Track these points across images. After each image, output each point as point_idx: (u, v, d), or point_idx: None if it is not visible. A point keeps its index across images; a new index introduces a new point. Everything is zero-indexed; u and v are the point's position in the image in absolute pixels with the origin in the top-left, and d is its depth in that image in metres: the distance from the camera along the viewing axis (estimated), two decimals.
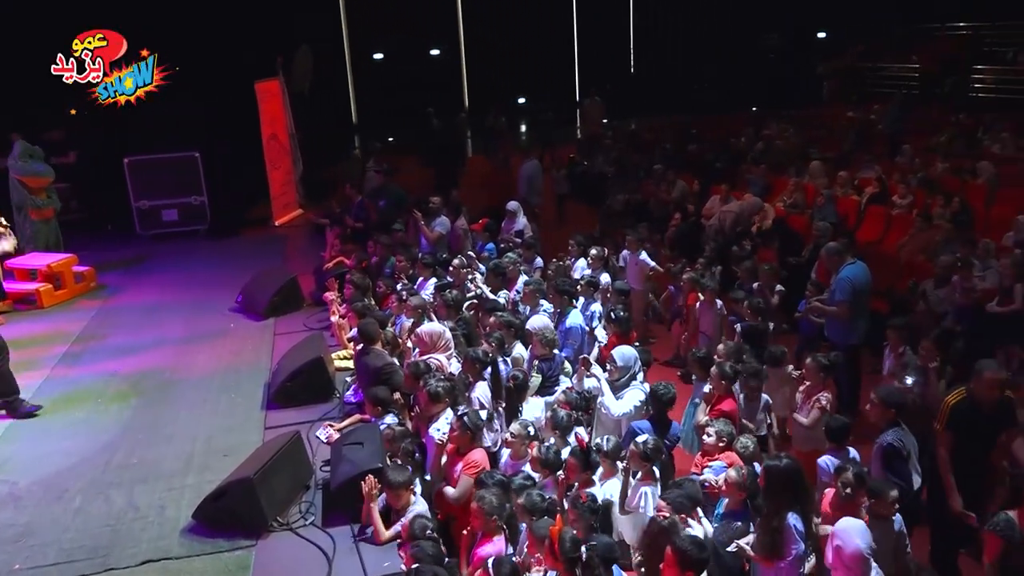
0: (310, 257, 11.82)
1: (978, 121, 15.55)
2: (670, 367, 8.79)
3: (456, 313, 7.83)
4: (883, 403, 5.23)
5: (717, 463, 5.13)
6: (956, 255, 8.39)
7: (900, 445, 5.08)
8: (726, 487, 4.74)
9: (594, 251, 8.97)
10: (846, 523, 4.12)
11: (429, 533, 4.78)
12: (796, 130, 16.58)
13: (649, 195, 13.70)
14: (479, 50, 25.12)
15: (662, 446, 5.22)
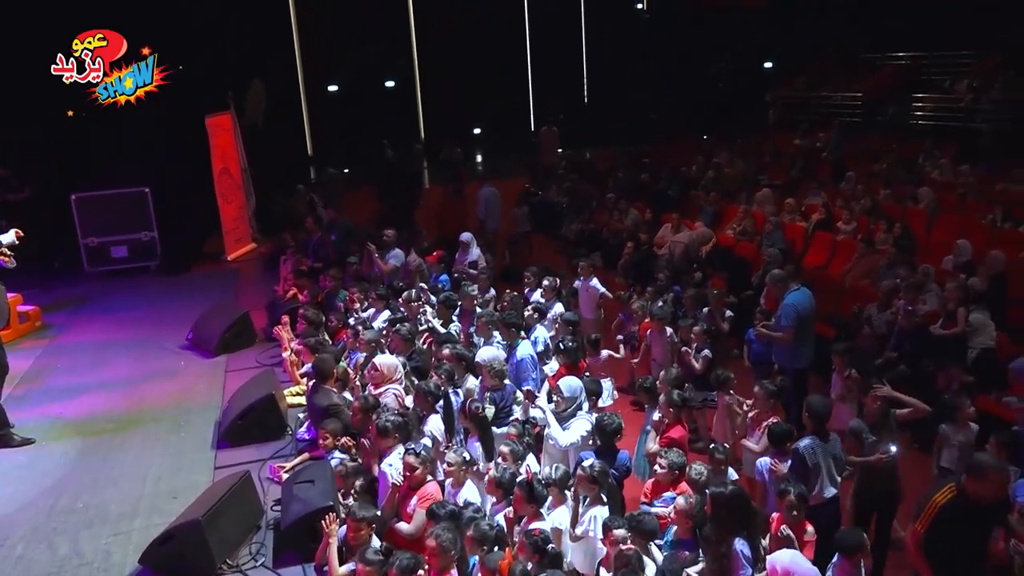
0: (263, 292, 11.73)
1: (918, 148, 16.07)
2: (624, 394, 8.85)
3: (410, 347, 7.82)
4: (807, 411, 5.60)
5: (668, 494, 5.17)
6: (897, 279, 8.65)
7: (810, 453, 5.33)
8: (675, 515, 4.79)
9: (546, 281, 9.05)
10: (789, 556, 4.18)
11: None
12: (745, 158, 16.93)
13: (602, 224, 13.86)
14: (434, 81, 25.30)
15: (608, 470, 5.26)
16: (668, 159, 17.93)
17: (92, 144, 13.66)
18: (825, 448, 5.41)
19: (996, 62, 18.87)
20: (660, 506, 5.13)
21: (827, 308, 9.33)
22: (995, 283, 8.80)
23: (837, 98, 21.97)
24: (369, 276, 10.41)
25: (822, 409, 5.58)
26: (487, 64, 24.80)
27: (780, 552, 4.20)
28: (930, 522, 4.51)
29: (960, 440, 5.90)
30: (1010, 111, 17.12)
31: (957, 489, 4.50)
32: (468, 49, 24.43)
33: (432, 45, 25.10)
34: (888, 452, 5.31)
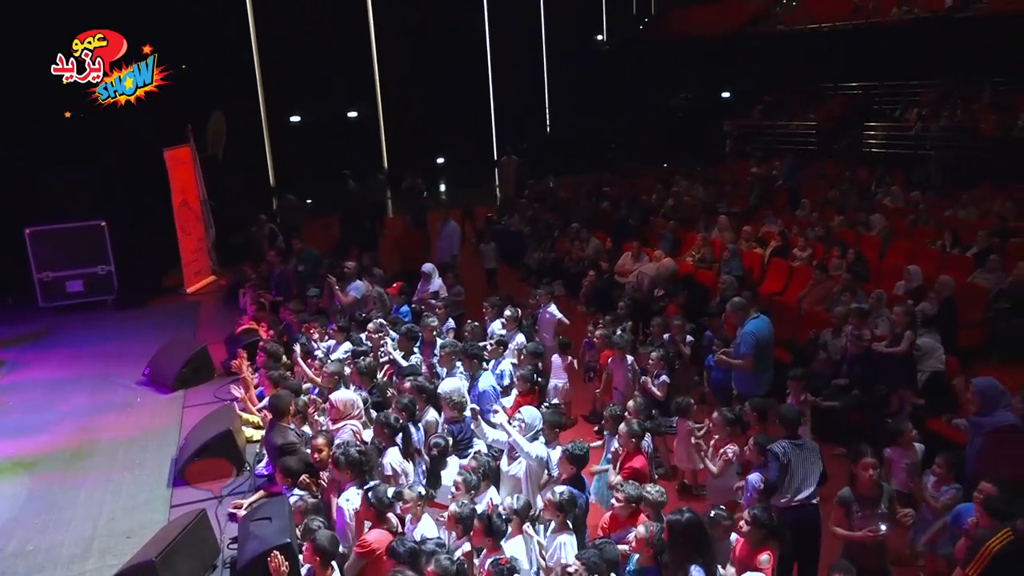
0: (223, 325, 11.60)
1: (871, 175, 16.49)
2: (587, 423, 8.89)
3: (369, 380, 7.79)
4: (779, 420, 5.92)
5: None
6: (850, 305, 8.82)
7: (782, 452, 5.61)
8: (636, 544, 4.80)
9: (508, 312, 9.07)
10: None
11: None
12: (703, 186, 17.21)
13: (564, 253, 13.96)
14: (397, 112, 25.42)
15: (576, 499, 5.27)
16: (628, 188, 18.16)
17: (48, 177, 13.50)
18: (799, 452, 5.62)
19: (941, 93, 19.50)
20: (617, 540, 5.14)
21: (784, 334, 9.48)
22: (945, 307, 9.01)
23: (792, 127, 22.51)
24: (329, 309, 10.36)
25: (793, 415, 5.90)
26: (449, 94, 25.01)
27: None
28: (983, 568, 4.45)
29: (907, 463, 6.01)
30: (956, 139, 17.68)
31: (1013, 533, 4.44)
32: (430, 79, 24.63)
33: (394, 75, 25.28)
34: (878, 530, 4.99)
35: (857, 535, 5.06)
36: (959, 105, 18.75)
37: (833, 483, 7.27)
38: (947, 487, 5.58)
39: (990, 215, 12.59)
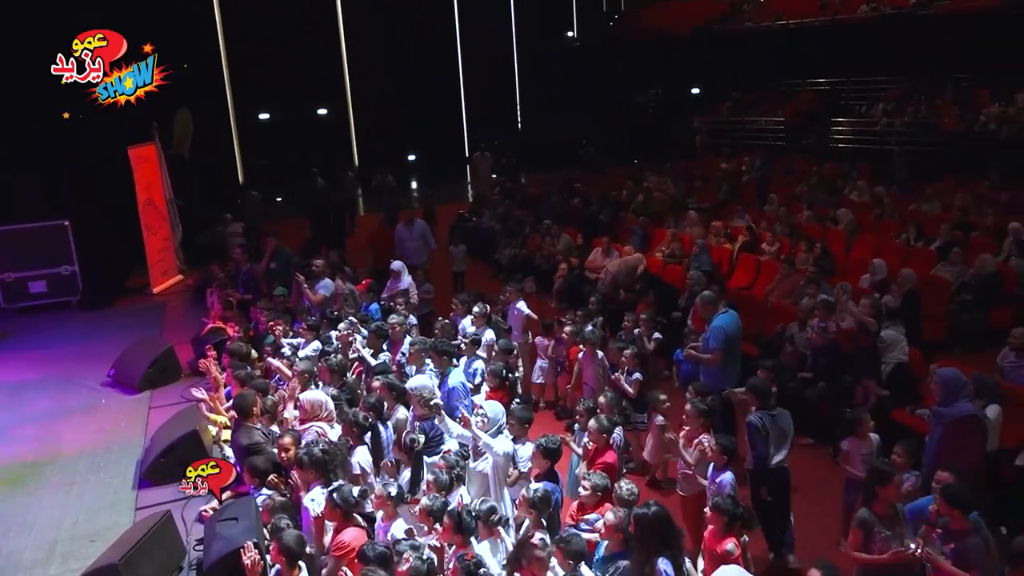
0: (190, 325, 11.45)
1: (838, 170, 16.68)
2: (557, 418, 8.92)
3: (340, 378, 7.75)
4: (751, 391, 6.33)
5: (592, 516, 5.21)
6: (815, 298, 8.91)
7: (760, 424, 6.09)
8: (606, 530, 4.83)
9: (476, 309, 9.05)
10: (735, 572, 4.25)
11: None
12: (673, 182, 17.30)
13: (535, 249, 13.97)
14: (367, 108, 25.29)
15: (551, 498, 5.27)
16: (599, 184, 18.21)
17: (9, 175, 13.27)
18: (773, 421, 6.11)
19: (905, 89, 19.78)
20: (586, 528, 5.16)
21: (751, 328, 9.57)
22: (908, 300, 9.15)
23: (761, 123, 22.71)
24: (298, 308, 10.28)
25: (764, 387, 6.37)
26: (420, 91, 24.92)
27: (723, 569, 4.25)
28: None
29: (864, 453, 6.10)
30: (920, 134, 17.95)
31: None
32: (401, 75, 24.54)
33: (364, 71, 25.15)
34: (907, 548, 4.77)
35: (884, 558, 4.92)
36: (923, 101, 19.04)
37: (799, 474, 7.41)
38: (908, 474, 5.66)
39: (952, 209, 12.78)
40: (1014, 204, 12.62)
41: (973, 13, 18.60)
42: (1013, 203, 12.66)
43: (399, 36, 24.57)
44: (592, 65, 26.74)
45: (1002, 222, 11.56)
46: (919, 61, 19.40)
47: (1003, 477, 6.36)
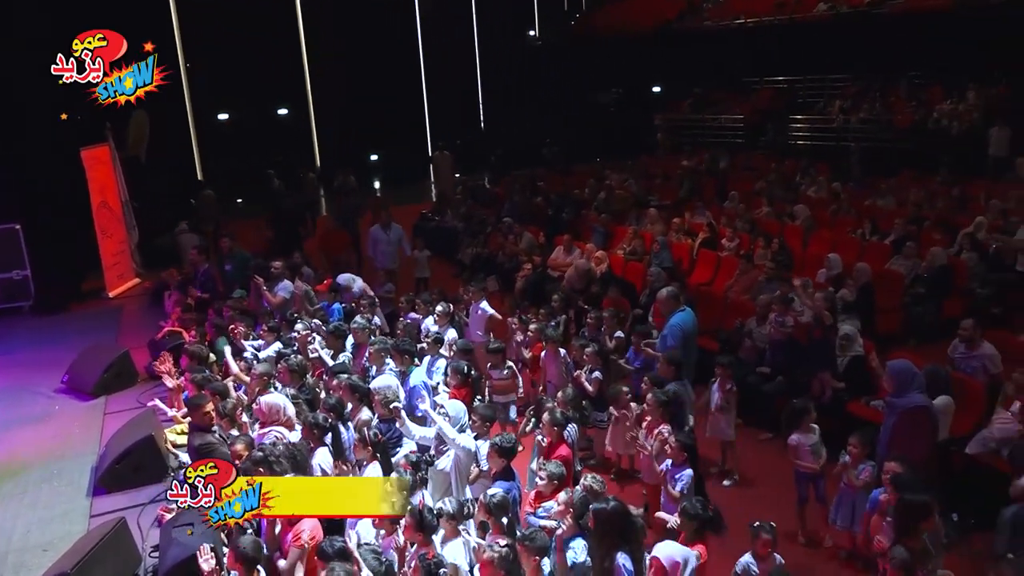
0: (147, 329, 11.25)
1: (796, 167, 16.91)
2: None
3: (300, 379, 7.67)
4: (667, 362, 6.88)
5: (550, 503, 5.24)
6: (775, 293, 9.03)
7: (683, 392, 6.61)
8: (559, 510, 4.86)
9: (439, 308, 9.03)
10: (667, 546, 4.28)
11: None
12: (635, 180, 17.41)
13: (497, 248, 13.96)
14: (328, 108, 25.09)
15: (507, 502, 5.27)
16: (562, 182, 18.26)
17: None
18: (685, 390, 6.79)
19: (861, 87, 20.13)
20: (543, 515, 5.18)
21: (711, 323, 9.66)
22: (863, 293, 9.31)
23: (721, 120, 22.95)
24: (257, 310, 10.16)
25: (680, 359, 6.97)
26: (382, 90, 24.78)
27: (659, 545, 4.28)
28: None
29: (809, 445, 6.21)
30: (875, 131, 18.27)
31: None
32: (362, 75, 24.37)
33: (325, 71, 24.94)
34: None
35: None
36: (878, 98, 19.38)
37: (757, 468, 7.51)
38: (863, 465, 5.76)
39: (906, 204, 13.02)
40: (965, 198, 12.90)
41: (926, 12, 18.97)
42: (964, 197, 12.94)
43: (360, 35, 24.39)
44: (554, 64, 26.81)
45: (953, 216, 11.81)
46: (874, 59, 19.76)
47: (953, 465, 6.50)
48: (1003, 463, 6.23)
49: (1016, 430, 6.25)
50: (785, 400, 7.85)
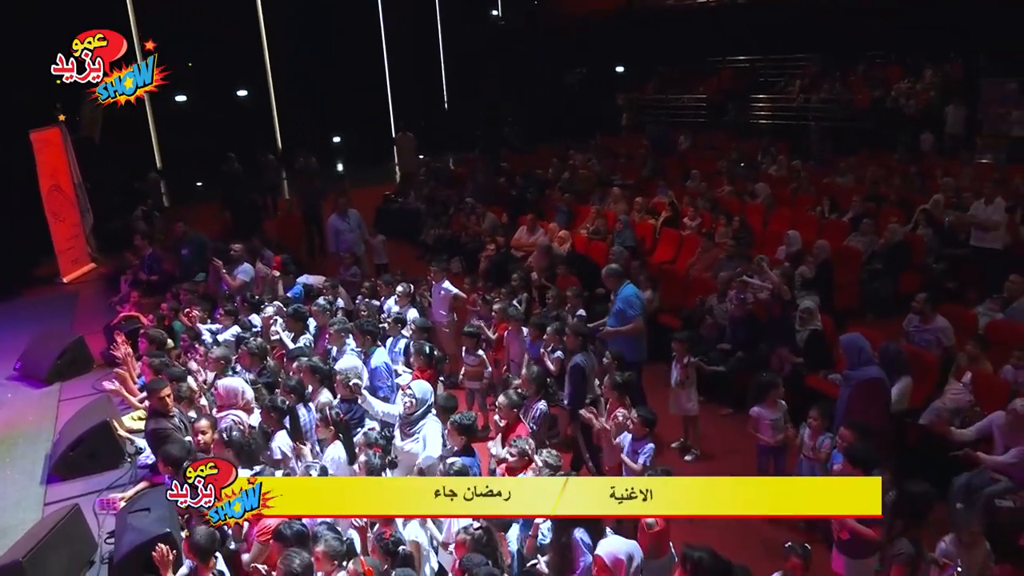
0: (103, 314, 11.04)
1: (757, 146, 17.02)
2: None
3: (260, 362, 7.59)
4: (574, 334, 7.04)
5: None
6: (736, 270, 9.10)
7: (585, 364, 6.81)
8: None
9: (400, 288, 8.98)
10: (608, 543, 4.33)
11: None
12: (598, 159, 17.40)
13: (460, 228, 13.90)
14: (289, 90, 24.69)
15: (468, 472, 5.27)
16: (525, 163, 18.20)
17: None
18: (589, 359, 6.93)
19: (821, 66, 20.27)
20: None
21: (673, 301, 9.73)
22: (822, 270, 9.42)
23: (684, 100, 23.00)
24: (217, 294, 10.01)
25: (585, 331, 7.26)
26: (343, 71, 24.44)
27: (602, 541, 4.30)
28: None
29: (771, 419, 6.28)
30: (835, 110, 18.44)
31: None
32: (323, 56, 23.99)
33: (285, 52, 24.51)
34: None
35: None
36: (838, 78, 19.54)
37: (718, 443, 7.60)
38: (823, 437, 5.84)
39: (864, 182, 13.18)
40: (922, 176, 13.09)
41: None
42: (921, 175, 13.13)
43: (321, 16, 23.98)
44: (517, 45, 26.61)
45: (911, 194, 11.98)
46: (834, 39, 19.88)
47: (908, 436, 6.62)
48: None
49: (967, 400, 6.37)
50: (746, 376, 7.96)
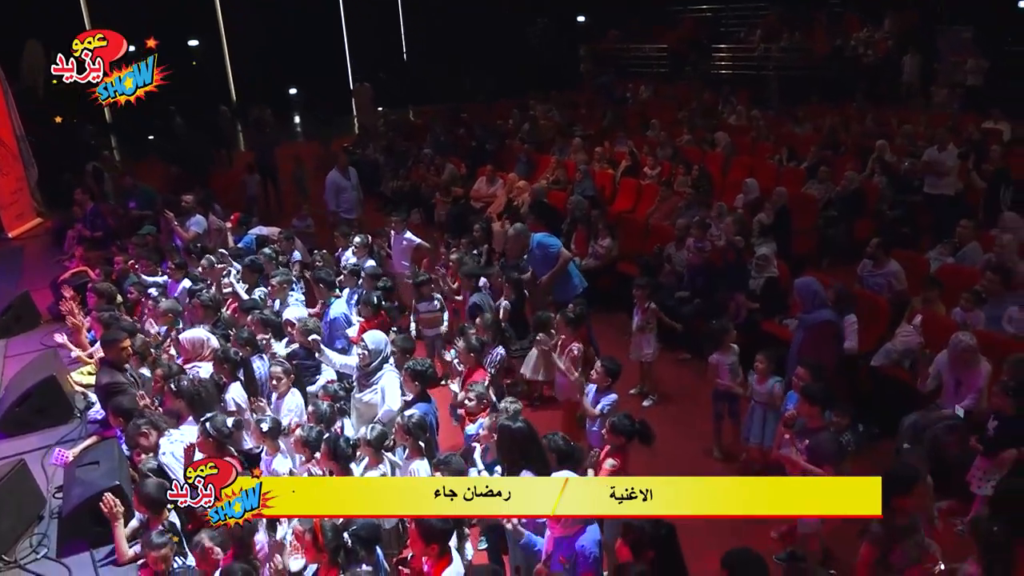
0: (51, 269, 10.73)
1: (717, 96, 16.97)
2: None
3: (214, 314, 7.45)
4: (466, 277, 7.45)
5: (479, 420, 5.25)
6: (694, 218, 9.10)
7: (481, 303, 7.17)
8: (486, 434, 4.86)
9: (357, 239, 8.85)
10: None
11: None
12: (559, 110, 17.25)
13: (420, 180, 13.72)
14: (243, 40, 23.98)
15: (426, 422, 5.24)
16: (485, 114, 17.97)
17: None
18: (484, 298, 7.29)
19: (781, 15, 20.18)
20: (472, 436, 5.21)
21: (633, 249, 9.72)
22: (780, 217, 9.46)
23: (645, 50, 22.80)
24: (167, 247, 9.78)
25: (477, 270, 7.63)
26: (299, 22, 23.77)
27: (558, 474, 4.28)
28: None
29: (728, 363, 6.34)
30: (795, 59, 18.42)
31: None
32: (277, 5, 23.29)
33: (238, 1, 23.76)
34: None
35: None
36: (798, 27, 19.48)
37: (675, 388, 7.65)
38: (773, 380, 5.90)
39: (822, 130, 13.23)
40: (879, 124, 13.16)
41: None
42: (877, 123, 13.20)
43: None
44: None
45: (867, 142, 12.04)
46: None
47: (860, 378, 6.73)
48: (905, 374, 6.47)
49: (917, 342, 6.47)
50: (703, 322, 8.01)
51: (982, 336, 5.92)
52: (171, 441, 5.35)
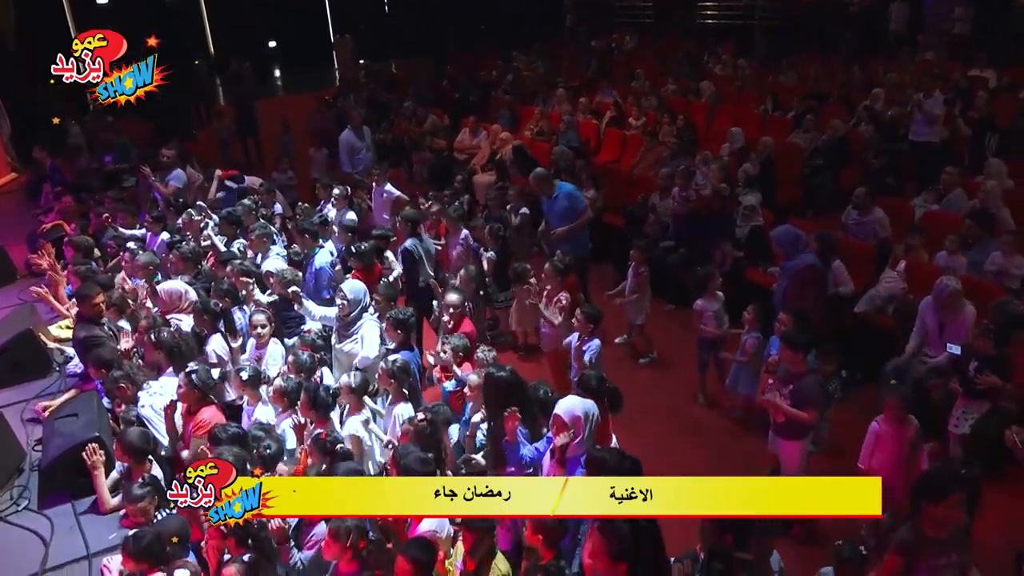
0: (26, 224, 10.54)
1: (703, 47, 16.76)
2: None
3: (194, 266, 7.38)
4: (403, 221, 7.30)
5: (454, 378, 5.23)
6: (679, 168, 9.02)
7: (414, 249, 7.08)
8: (471, 391, 4.83)
9: (336, 191, 8.73)
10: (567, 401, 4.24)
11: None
12: (543, 61, 17.01)
13: (402, 133, 13.55)
14: None
15: (409, 367, 5.21)
16: (469, 66, 17.68)
17: None
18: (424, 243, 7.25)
19: None
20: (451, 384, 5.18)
21: (618, 199, 9.66)
22: (765, 166, 9.40)
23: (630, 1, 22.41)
24: (143, 199, 9.63)
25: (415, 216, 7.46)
26: None
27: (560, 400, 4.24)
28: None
29: (713, 310, 6.33)
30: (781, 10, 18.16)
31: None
32: None
33: None
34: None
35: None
36: None
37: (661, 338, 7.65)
38: (750, 334, 5.92)
39: (808, 80, 13.10)
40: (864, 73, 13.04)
41: None
42: (862, 72, 13.08)
43: None
44: None
45: (854, 92, 11.94)
46: None
47: (845, 324, 6.74)
48: (888, 320, 6.49)
49: (901, 288, 6.48)
50: (688, 271, 7.99)
51: (965, 280, 5.94)
52: (150, 394, 5.30)
